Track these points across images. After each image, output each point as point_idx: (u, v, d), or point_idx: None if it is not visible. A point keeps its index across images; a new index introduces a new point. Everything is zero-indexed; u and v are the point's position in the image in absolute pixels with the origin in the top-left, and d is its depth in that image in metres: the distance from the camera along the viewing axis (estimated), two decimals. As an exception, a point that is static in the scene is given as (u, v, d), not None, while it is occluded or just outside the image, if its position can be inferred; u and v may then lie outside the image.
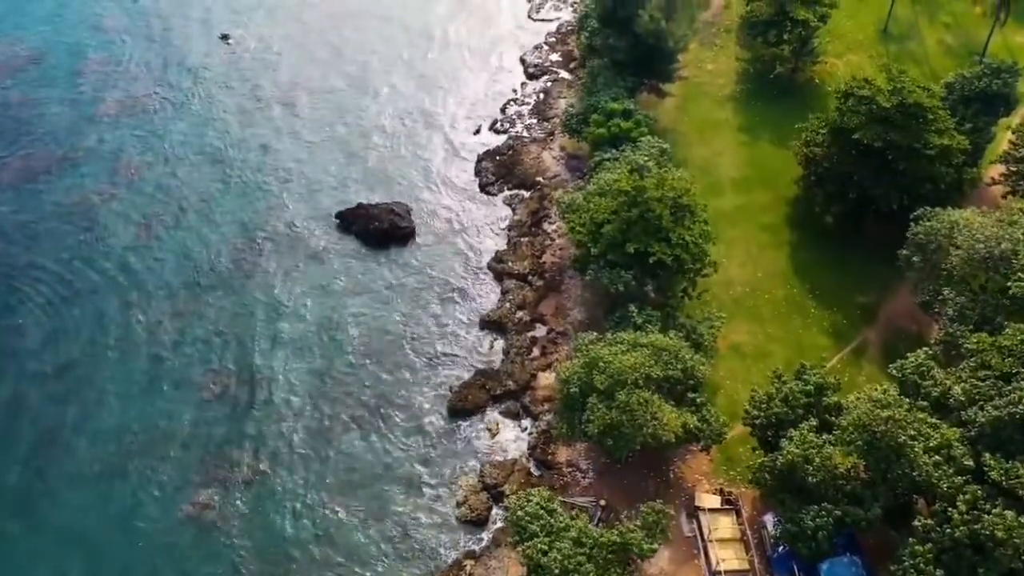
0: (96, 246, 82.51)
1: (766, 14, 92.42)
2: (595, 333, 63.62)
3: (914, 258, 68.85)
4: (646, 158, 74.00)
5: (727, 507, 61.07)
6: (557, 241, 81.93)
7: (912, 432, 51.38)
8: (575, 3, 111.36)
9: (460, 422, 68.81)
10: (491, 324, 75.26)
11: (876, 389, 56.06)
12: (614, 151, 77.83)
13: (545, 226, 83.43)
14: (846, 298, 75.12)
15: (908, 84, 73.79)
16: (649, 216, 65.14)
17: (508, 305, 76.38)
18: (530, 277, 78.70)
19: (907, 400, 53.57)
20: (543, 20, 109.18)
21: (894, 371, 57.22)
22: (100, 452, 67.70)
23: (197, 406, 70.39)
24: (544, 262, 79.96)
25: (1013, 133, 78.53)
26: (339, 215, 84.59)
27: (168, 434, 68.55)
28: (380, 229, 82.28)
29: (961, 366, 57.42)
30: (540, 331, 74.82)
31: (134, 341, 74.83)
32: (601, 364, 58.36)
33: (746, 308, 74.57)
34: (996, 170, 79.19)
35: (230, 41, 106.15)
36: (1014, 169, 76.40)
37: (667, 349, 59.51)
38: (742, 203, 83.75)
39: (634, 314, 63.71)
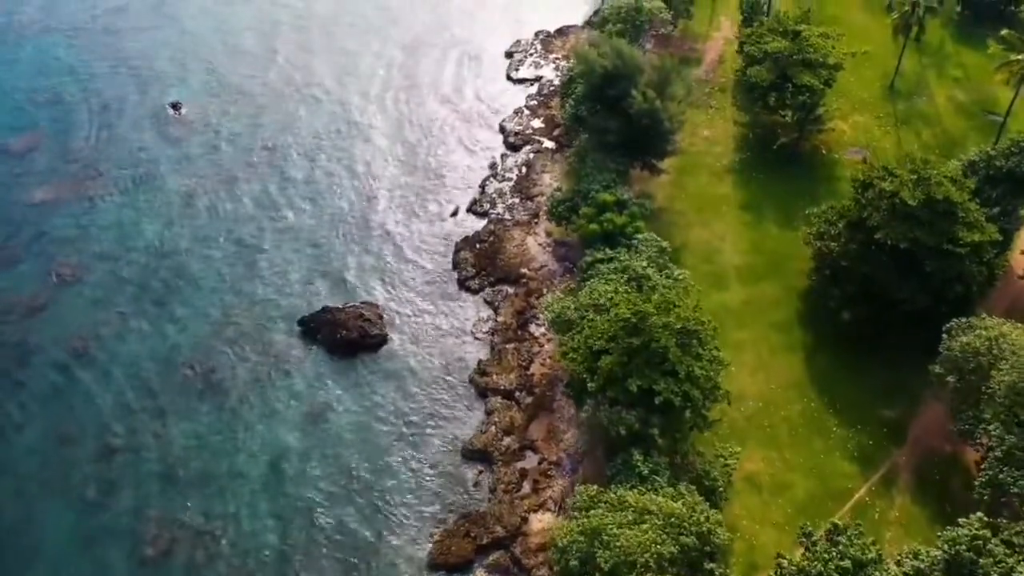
0: (24, 366, 72.96)
1: (767, 79, 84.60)
2: (596, 487, 55.22)
3: (949, 378, 61.31)
4: (645, 263, 66.05)
5: None
6: (546, 347, 73.59)
7: (976, 636, 43.64)
8: (557, 59, 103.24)
9: (442, 581, 60.39)
10: (475, 453, 66.72)
11: (923, 560, 48.77)
12: (607, 250, 69.80)
13: (532, 329, 75.05)
14: (870, 413, 67.38)
15: (934, 175, 66.16)
16: (654, 347, 56.97)
17: (493, 429, 67.92)
18: (517, 393, 70.28)
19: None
20: (523, 80, 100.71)
21: (944, 546, 49.28)
22: (28, 627, 58.82)
23: (140, 565, 61.32)
24: (532, 374, 71.60)
25: (1046, 220, 71.41)
26: (302, 321, 75.76)
27: (106, 603, 59.68)
28: (348, 338, 73.60)
29: (1020, 529, 49.81)
30: (531, 460, 66.42)
31: (67, 484, 65.27)
32: (605, 537, 50.15)
33: (760, 429, 66.63)
34: (1028, 261, 72.12)
35: (182, 111, 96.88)
36: (1050, 262, 69.31)
37: (679, 516, 51.31)
38: (749, 297, 75.90)
39: (639, 463, 55.52)
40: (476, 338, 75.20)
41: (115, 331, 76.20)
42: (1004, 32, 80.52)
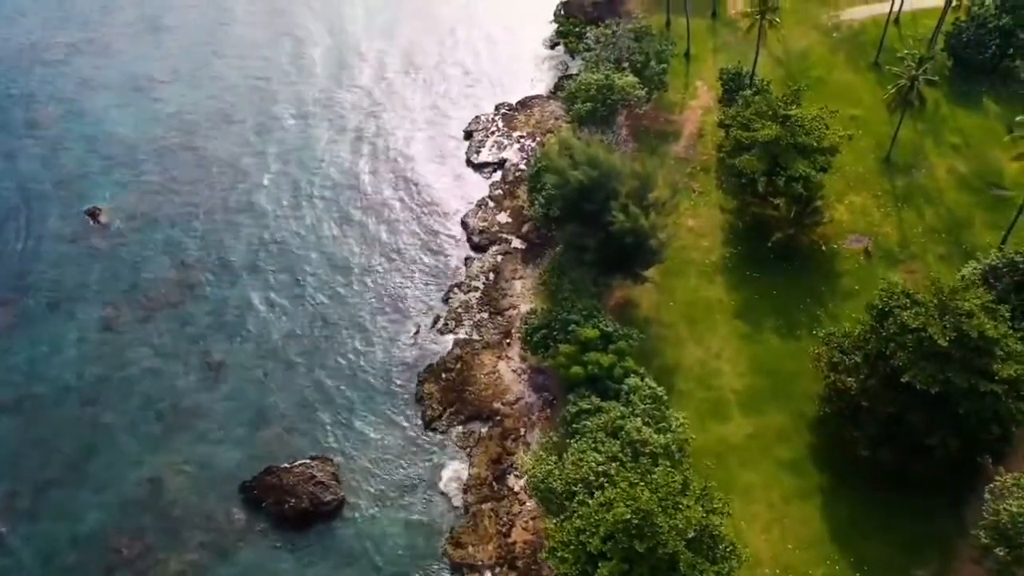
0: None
1: (757, 170, 75.99)
2: None
3: (997, 550, 52.97)
4: (639, 422, 56.91)
5: None
6: (527, 504, 64.10)
7: None
8: (521, 136, 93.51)
9: None
10: (452, 654, 57.43)
11: None
12: (594, 399, 60.61)
13: (510, 482, 65.57)
14: (901, 573, 59.05)
15: (965, 306, 57.69)
16: (660, 552, 47.85)
17: (473, 620, 58.59)
18: (497, 569, 60.85)
19: None
20: (485, 164, 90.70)
21: None
22: None
23: None
24: (514, 542, 62.11)
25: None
26: (244, 487, 65.46)
27: None
28: (298, 508, 63.48)
29: None
30: (517, 659, 57.22)
31: None
32: None
33: (780, 604, 58.09)
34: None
35: (101, 219, 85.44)
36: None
37: None
38: (754, 430, 67.14)
39: None
40: (447, 495, 65.55)
41: (27, 506, 65.62)
42: (1020, 119, 72.54)
